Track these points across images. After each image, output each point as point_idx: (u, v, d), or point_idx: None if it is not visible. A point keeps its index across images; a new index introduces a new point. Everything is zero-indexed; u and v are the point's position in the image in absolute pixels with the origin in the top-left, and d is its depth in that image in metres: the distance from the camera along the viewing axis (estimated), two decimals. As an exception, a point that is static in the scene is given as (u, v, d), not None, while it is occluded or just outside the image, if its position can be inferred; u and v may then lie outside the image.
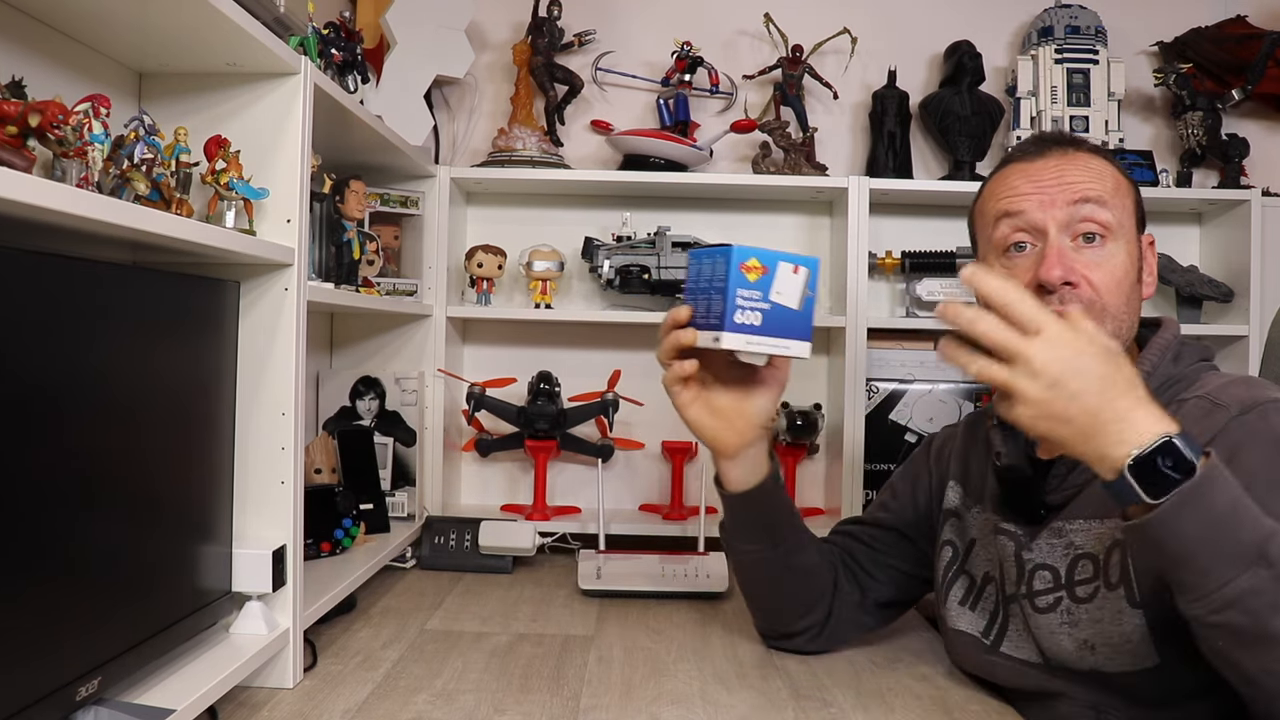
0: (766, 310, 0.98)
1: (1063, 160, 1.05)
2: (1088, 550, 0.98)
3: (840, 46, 2.10)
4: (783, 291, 0.98)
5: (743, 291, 0.97)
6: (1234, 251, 1.99)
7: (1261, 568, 0.75)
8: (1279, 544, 0.76)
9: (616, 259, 1.93)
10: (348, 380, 1.89)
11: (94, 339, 0.86)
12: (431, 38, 1.86)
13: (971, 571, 1.16)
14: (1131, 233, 1.05)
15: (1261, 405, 0.92)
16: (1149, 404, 0.79)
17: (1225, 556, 0.76)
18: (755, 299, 0.97)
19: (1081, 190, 1.02)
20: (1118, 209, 1.04)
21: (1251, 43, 2.05)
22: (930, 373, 1.98)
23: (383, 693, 1.13)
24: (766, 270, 0.98)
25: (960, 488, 1.20)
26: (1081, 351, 0.78)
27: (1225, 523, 0.76)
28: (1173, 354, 1.03)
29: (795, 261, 0.99)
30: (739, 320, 0.97)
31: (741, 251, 0.97)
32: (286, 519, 1.17)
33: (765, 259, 0.98)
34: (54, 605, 0.81)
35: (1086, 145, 1.09)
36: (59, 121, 0.79)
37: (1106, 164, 1.07)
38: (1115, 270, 1.02)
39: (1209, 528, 0.76)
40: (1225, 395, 0.94)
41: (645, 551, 1.69)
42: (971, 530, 1.16)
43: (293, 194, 1.17)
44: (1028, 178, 1.06)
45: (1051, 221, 1.02)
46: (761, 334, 0.98)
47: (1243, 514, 0.77)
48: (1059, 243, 1.02)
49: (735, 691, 1.16)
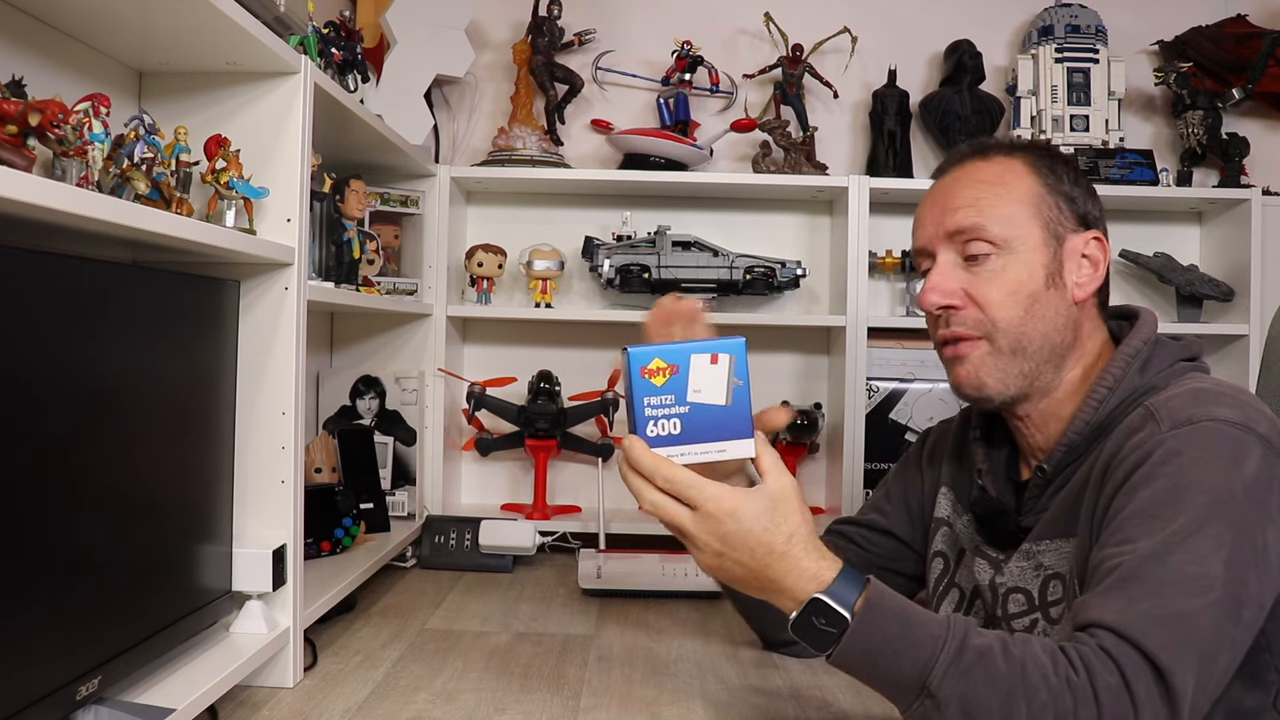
0: (685, 415, 0.84)
1: (959, 176, 1.04)
2: (1056, 570, 0.97)
3: (840, 46, 2.10)
4: (702, 389, 0.84)
5: (650, 400, 0.83)
6: (1234, 251, 1.99)
7: (925, 698, 0.79)
8: (939, 672, 0.79)
9: (617, 258, 1.93)
10: (348, 380, 1.89)
11: (94, 339, 0.86)
12: (431, 37, 1.86)
13: (961, 584, 1.15)
14: (1033, 240, 0.99)
15: (1192, 425, 0.85)
16: (803, 559, 0.84)
17: (894, 688, 0.82)
18: (668, 405, 0.84)
19: (956, 216, 1.00)
20: (1005, 221, 0.99)
21: (1251, 42, 2.05)
22: (930, 372, 1.98)
23: (383, 692, 1.13)
24: (676, 369, 0.84)
25: (951, 493, 1.18)
26: (736, 522, 0.83)
27: (885, 660, 0.81)
28: (1141, 361, 0.97)
29: (712, 350, 0.84)
30: (652, 433, 0.84)
31: (640, 354, 0.83)
32: (286, 518, 1.17)
33: (671, 356, 0.84)
34: (54, 605, 0.81)
35: (992, 149, 1.05)
36: (59, 121, 0.79)
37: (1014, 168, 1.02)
38: (1006, 284, 0.98)
39: (871, 668, 0.82)
40: (1166, 408, 0.89)
41: (645, 551, 1.68)
42: (962, 540, 1.15)
43: (293, 193, 1.17)
44: (927, 199, 1.06)
45: (938, 244, 1.02)
46: (686, 443, 0.84)
47: (902, 648, 0.81)
48: (945, 265, 1.01)
49: (735, 691, 1.16)
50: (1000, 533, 1.05)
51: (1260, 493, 0.83)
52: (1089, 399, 0.98)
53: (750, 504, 0.84)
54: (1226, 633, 0.79)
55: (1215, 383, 0.93)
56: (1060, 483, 0.99)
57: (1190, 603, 0.78)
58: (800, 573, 0.84)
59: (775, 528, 0.84)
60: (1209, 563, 0.79)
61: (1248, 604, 0.80)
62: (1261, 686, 0.88)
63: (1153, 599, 0.78)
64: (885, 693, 0.84)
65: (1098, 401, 0.97)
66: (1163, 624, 0.77)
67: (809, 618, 0.83)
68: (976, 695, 0.78)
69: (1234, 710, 0.86)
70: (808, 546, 0.85)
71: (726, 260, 1.95)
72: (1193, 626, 0.77)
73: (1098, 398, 0.97)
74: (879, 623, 0.82)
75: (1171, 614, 0.78)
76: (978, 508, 1.07)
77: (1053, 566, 0.98)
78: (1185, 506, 0.82)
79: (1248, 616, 0.81)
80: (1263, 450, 0.84)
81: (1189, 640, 0.77)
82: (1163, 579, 0.79)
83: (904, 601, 0.85)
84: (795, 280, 1.97)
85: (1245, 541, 0.81)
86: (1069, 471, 0.99)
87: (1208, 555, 0.80)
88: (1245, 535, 0.81)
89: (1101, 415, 0.96)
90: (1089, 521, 0.91)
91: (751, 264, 1.96)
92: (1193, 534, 0.80)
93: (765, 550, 0.84)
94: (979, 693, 0.78)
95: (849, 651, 0.82)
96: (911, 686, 0.80)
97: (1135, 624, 0.77)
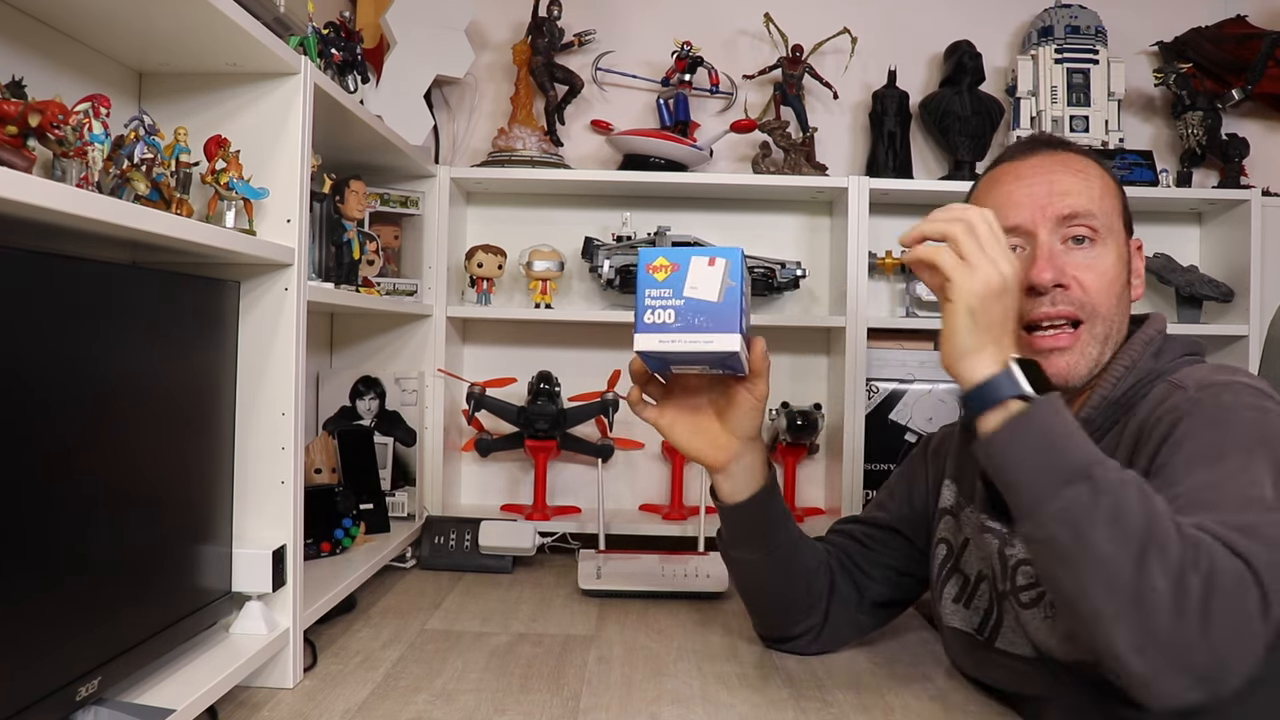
0: (679, 306, 0.95)
1: (1052, 162, 1.06)
2: None
3: (840, 46, 2.10)
4: (698, 286, 0.95)
5: (651, 292, 0.96)
6: (1234, 251, 1.99)
7: (1083, 483, 0.80)
8: (1104, 469, 0.81)
9: (616, 259, 1.93)
10: (348, 380, 1.89)
11: (94, 339, 0.86)
12: (431, 38, 1.86)
13: (965, 570, 1.16)
14: (1120, 235, 1.06)
15: (1217, 385, 0.92)
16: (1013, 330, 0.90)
17: (1052, 473, 0.82)
18: (665, 297, 0.96)
19: (1069, 199, 1.03)
20: (1106, 211, 1.04)
21: (1251, 42, 2.05)
22: (930, 373, 1.98)
23: (383, 693, 1.13)
24: (677, 267, 0.96)
25: (955, 486, 1.20)
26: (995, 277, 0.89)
27: (1060, 440, 0.83)
28: (1154, 349, 1.03)
29: (711, 254, 0.96)
30: (649, 320, 0.96)
31: (648, 253, 0.97)
32: (286, 519, 1.17)
33: (675, 256, 0.96)
34: (54, 605, 0.81)
35: (1073, 146, 1.10)
36: (59, 121, 0.79)
37: (1094, 165, 1.08)
38: (1106, 271, 1.03)
39: (1042, 443, 0.84)
40: (1191, 378, 0.95)
41: (645, 551, 1.69)
42: (965, 529, 1.16)
43: (293, 194, 1.17)
44: (1018, 180, 1.06)
45: (1041, 224, 1.03)
46: (676, 331, 0.95)
47: (1074, 439, 0.83)
48: (1049, 245, 1.03)
49: (735, 691, 1.16)
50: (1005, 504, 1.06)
51: None
52: (1107, 376, 1.03)
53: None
54: None
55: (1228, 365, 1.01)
56: None
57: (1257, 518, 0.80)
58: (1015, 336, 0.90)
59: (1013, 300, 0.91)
60: (1266, 489, 0.82)
61: None
62: None
63: (1218, 513, 0.81)
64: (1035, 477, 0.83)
65: (1115, 379, 1.02)
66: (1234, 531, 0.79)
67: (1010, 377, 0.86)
68: (1126, 501, 0.79)
69: None
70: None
71: (726, 261, 1.95)
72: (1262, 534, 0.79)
73: (1115, 375, 1.02)
74: (1060, 410, 0.85)
75: (1241, 525, 0.79)
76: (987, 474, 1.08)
77: None
78: (1230, 447, 0.86)
79: None
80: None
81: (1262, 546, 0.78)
82: (1221, 502, 0.82)
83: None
84: (795, 281, 1.97)
85: None
86: None
87: (1263, 483, 0.83)
88: None
89: (1118, 393, 1.01)
90: None
91: (751, 264, 1.96)
92: (1242, 469, 0.84)
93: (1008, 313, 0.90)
94: (1129, 500, 0.79)
95: (1034, 420, 0.84)
96: (1077, 470, 0.81)
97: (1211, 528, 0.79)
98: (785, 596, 1.24)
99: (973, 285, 0.88)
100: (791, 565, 1.21)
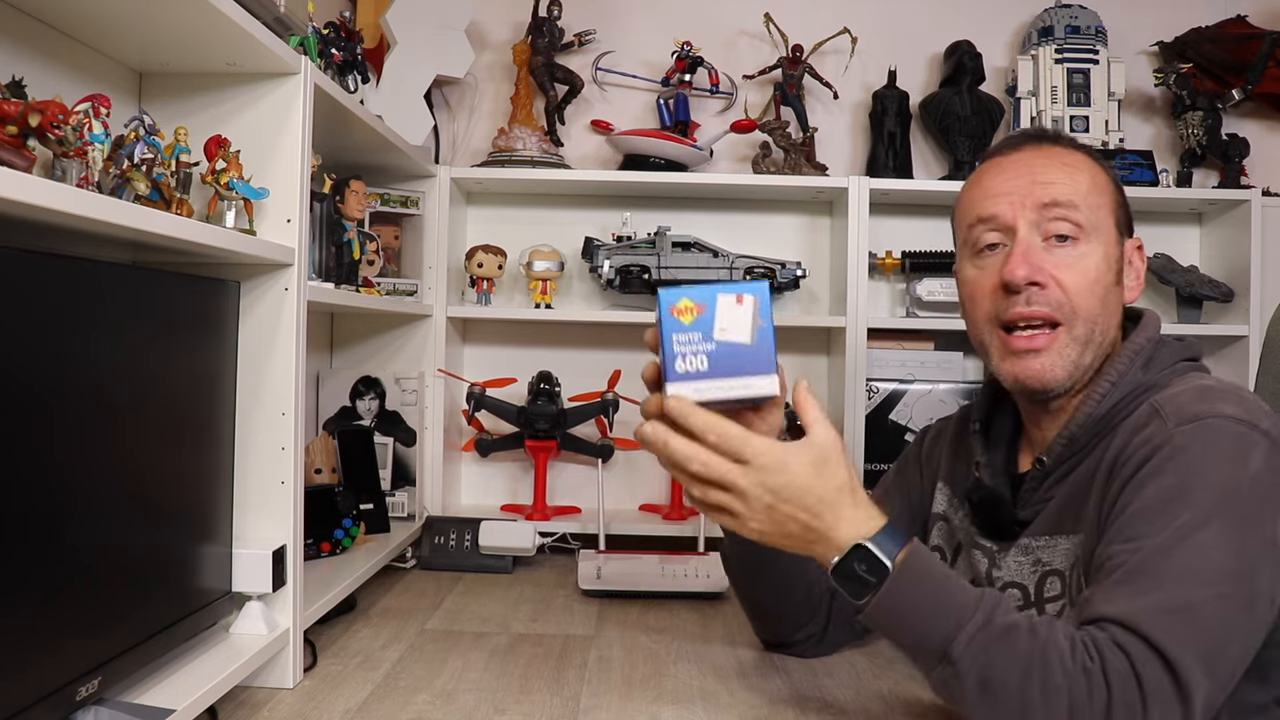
0: (711, 351, 0.88)
1: (1036, 155, 1.02)
2: (1055, 566, 0.97)
3: (840, 46, 2.10)
4: (727, 327, 0.88)
5: (679, 336, 0.88)
6: (1234, 251, 1.99)
7: (946, 665, 0.82)
8: (962, 641, 0.81)
9: (616, 259, 1.93)
10: (348, 380, 1.89)
11: (94, 339, 0.86)
12: (431, 38, 1.86)
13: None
14: (1110, 234, 1.00)
15: (1198, 422, 0.86)
16: (852, 508, 0.86)
17: (918, 651, 0.85)
18: (695, 341, 0.88)
19: (1052, 189, 0.98)
20: (1093, 209, 0.99)
21: (1251, 42, 2.05)
22: (930, 373, 1.98)
23: (383, 693, 1.13)
24: (703, 308, 0.88)
25: (948, 489, 1.18)
26: (788, 474, 0.84)
27: (916, 619, 0.84)
28: (1144, 359, 0.98)
29: (737, 291, 0.89)
30: (680, 369, 0.88)
31: (670, 294, 0.88)
32: (286, 519, 1.17)
33: (699, 297, 0.88)
34: (54, 605, 0.81)
35: (1065, 140, 1.05)
36: (59, 121, 0.79)
37: (1086, 160, 1.03)
38: (1088, 271, 0.97)
39: (901, 625, 0.85)
40: (1172, 404, 0.90)
41: (645, 552, 1.68)
42: (958, 535, 1.15)
43: (293, 194, 1.17)
44: (1001, 174, 1.03)
45: (1021, 220, 0.99)
46: (712, 378, 0.88)
47: (934, 610, 0.83)
48: (1028, 241, 0.98)
49: (735, 691, 1.16)
50: (996, 524, 1.05)
51: (1266, 487, 0.84)
52: (1091, 393, 0.98)
53: (800, 455, 0.85)
54: (1236, 623, 0.80)
55: (1218, 381, 0.94)
56: (1059, 476, 0.99)
57: (1196, 594, 0.79)
58: (849, 520, 0.86)
59: (825, 478, 0.85)
60: (1215, 556, 0.80)
61: (1259, 595, 0.81)
62: (1266, 683, 0.88)
63: (1159, 592, 0.79)
64: (910, 654, 0.86)
65: (1100, 395, 0.97)
66: (1169, 615, 0.78)
67: (852, 564, 0.85)
68: (995, 670, 0.80)
69: (1239, 707, 0.86)
70: (856, 497, 0.87)
71: (726, 261, 1.95)
72: (1199, 617, 0.78)
73: (1100, 391, 0.97)
74: (916, 579, 0.84)
75: (1178, 605, 0.78)
76: (974, 495, 1.07)
77: (1050, 562, 0.98)
78: (1192, 502, 0.82)
79: (1260, 608, 0.81)
80: (1268, 446, 0.85)
81: (1196, 631, 0.78)
82: (1168, 572, 0.80)
83: (942, 566, 0.88)
84: (795, 281, 1.97)
85: (1254, 534, 0.82)
86: (1068, 466, 0.99)
87: (1214, 548, 0.80)
88: (1254, 528, 0.82)
89: (1103, 409, 0.97)
90: (1095, 518, 0.91)
91: (751, 265, 1.96)
92: (1199, 528, 0.81)
93: (816, 499, 0.85)
94: (998, 668, 0.80)
95: (884, 603, 0.84)
96: (935, 652, 0.82)
97: (1141, 617, 0.78)
98: (786, 605, 1.23)
99: (748, 532, 0.88)
100: (792, 575, 1.20)
